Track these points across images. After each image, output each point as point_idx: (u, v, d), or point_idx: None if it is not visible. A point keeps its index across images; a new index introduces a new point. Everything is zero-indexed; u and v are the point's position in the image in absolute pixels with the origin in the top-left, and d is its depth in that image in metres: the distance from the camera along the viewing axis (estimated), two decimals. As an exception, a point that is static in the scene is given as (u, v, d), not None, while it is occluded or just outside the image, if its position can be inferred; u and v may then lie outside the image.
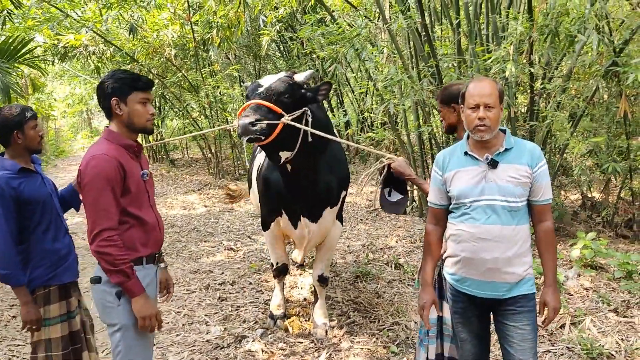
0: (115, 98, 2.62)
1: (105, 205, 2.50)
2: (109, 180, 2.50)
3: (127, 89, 2.62)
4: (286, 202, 4.12)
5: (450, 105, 3.22)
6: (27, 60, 7.54)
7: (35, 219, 3.00)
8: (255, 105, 3.44)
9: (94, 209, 2.50)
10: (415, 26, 6.93)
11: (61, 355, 3.04)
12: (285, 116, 3.49)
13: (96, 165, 2.52)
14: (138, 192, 2.68)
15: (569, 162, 7.93)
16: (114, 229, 2.51)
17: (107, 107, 2.66)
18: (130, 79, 2.65)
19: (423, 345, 3.33)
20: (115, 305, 2.60)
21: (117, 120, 2.68)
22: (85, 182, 2.52)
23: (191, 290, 5.63)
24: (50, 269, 3.03)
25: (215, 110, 12.72)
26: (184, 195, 11.69)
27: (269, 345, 4.31)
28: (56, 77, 20.48)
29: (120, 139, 2.67)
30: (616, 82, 6.33)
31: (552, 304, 2.56)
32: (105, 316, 2.66)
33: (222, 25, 9.53)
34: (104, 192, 2.49)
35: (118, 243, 2.51)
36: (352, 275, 5.86)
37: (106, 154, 2.54)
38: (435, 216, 2.82)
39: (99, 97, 2.69)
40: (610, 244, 6.60)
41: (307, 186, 3.95)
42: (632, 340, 4.16)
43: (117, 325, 2.62)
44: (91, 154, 2.57)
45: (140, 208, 2.69)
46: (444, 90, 3.30)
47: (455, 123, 3.26)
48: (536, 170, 2.54)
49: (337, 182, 4.18)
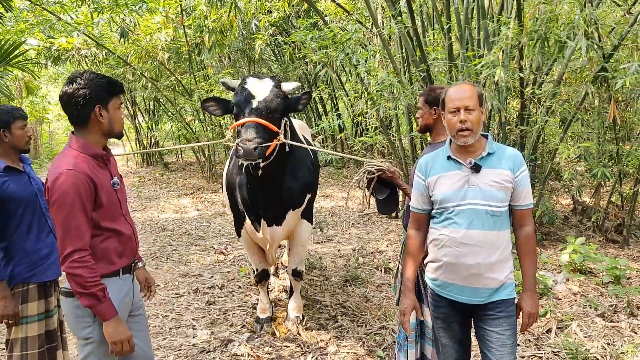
0: (98, 105, 2.48)
1: (76, 224, 2.35)
2: (79, 197, 2.36)
3: (107, 95, 2.51)
4: (249, 207, 4.15)
5: (432, 108, 3.25)
6: (18, 64, 7.52)
7: (17, 217, 3.03)
8: (255, 125, 3.45)
9: (64, 228, 2.35)
10: (406, 31, 6.94)
11: (37, 353, 3.06)
12: (280, 134, 3.61)
13: (64, 182, 2.35)
14: (110, 204, 2.55)
15: (560, 167, 7.94)
16: (85, 249, 2.38)
17: (84, 115, 2.48)
18: (107, 84, 2.53)
19: (402, 350, 3.33)
20: (91, 321, 2.48)
21: (94, 128, 2.53)
22: (53, 199, 2.37)
23: (180, 294, 5.61)
24: (30, 267, 3.06)
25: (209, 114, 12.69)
26: (177, 198, 11.66)
27: (255, 349, 4.30)
28: (50, 81, 20.41)
29: (90, 148, 2.52)
30: (605, 87, 6.36)
31: (527, 309, 2.56)
32: (78, 331, 2.53)
33: (214, 29, 9.51)
34: (74, 211, 2.35)
35: (89, 264, 2.37)
36: (341, 280, 5.86)
37: (74, 169, 2.38)
38: (417, 221, 2.82)
39: (73, 105, 2.47)
40: (600, 248, 6.63)
41: (270, 191, 3.99)
42: (617, 345, 4.17)
43: (91, 339, 2.50)
44: (58, 169, 2.39)
45: (114, 220, 2.57)
46: (430, 91, 3.32)
47: (431, 125, 3.31)
48: (518, 175, 2.56)
49: (300, 186, 4.22)
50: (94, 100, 2.47)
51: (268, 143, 3.47)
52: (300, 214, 4.37)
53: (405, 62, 8.07)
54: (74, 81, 2.48)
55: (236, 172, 4.19)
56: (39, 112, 20.00)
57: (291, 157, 4.01)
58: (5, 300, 2.96)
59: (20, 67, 7.76)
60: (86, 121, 2.52)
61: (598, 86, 6.37)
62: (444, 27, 7.06)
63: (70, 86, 2.47)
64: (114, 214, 2.59)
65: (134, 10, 10.50)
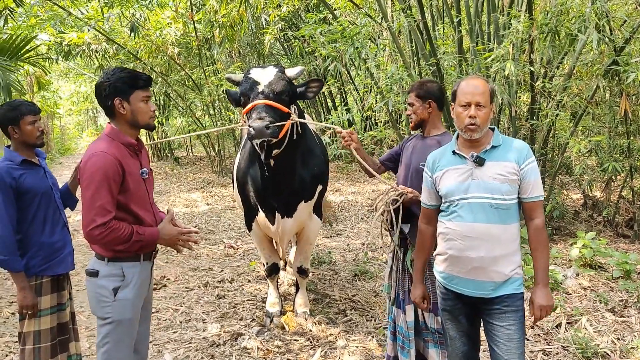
0: (118, 98, 2.62)
1: (102, 202, 2.50)
2: (107, 177, 2.51)
3: (128, 88, 2.63)
4: (262, 199, 4.15)
5: (426, 101, 3.23)
6: (30, 59, 7.57)
7: (33, 210, 3.07)
8: (264, 105, 3.44)
9: (91, 204, 2.50)
10: (416, 24, 6.92)
11: (49, 346, 3.09)
12: (293, 115, 3.59)
13: (95, 162, 2.53)
14: (138, 190, 2.70)
15: (570, 161, 7.90)
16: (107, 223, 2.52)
17: (109, 106, 2.66)
18: (130, 77, 2.65)
19: (405, 351, 3.35)
20: (111, 301, 2.62)
21: (120, 119, 2.69)
22: (84, 178, 2.55)
23: (190, 288, 5.65)
24: (44, 260, 3.09)
25: (219, 108, 12.74)
26: (187, 193, 11.72)
27: (265, 342, 4.32)
28: (61, 76, 20.54)
29: (122, 136, 2.68)
30: (617, 81, 6.31)
31: (538, 302, 2.54)
32: (98, 310, 2.67)
33: (224, 24, 9.53)
34: (101, 189, 2.51)
35: (116, 226, 2.52)
36: (350, 274, 5.87)
37: (106, 152, 2.56)
38: (427, 216, 2.86)
39: (99, 97, 2.68)
40: (611, 243, 6.59)
41: (283, 181, 3.98)
42: (627, 340, 4.15)
43: (110, 319, 2.63)
44: (92, 151, 2.59)
45: (141, 207, 2.72)
46: (421, 85, 3.30)
47: (426, 119, 3.28)
48: (524, 167, 2.53)
49: (312, 176, 4.21)
50: (114, 93, 2.63)
51: (280, 122, 3.44)
52: (311, 207, 4.37)
53: (414, 56, 8.03)
54: (103, 75, 2.68)
55: (247, 164, 4.19)
56: (50, 107, 20.14)
57: (302, 146, 3.99)
58: (25, 291, 3.00)
59: (31, 62, 7.82)
60: (112, 112, 2.69)
61: (609, 80, 6.33)
62: (453, 21, 7.03)
63: (100, 80, 2.68)
64: (142, 202, 2.74)
65: (144, 5, 10.55)
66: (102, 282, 2.63)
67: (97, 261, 2.67)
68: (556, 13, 5.67)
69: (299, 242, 4.65)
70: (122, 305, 2.63)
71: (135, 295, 2.68)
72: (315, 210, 4.46)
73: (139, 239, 2.60)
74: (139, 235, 2.61)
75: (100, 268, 2.64)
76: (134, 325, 2.73)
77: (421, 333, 3.37)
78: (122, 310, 2.63)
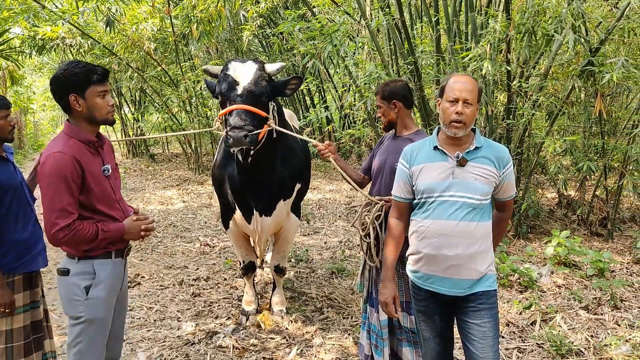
0: (72, 94, 2.53)
1: (62, 205, 2.45)
2: (65, 178, 2.44)
3: (83, 84, 2.53)
4: (240, 197, 4.09)
5: (391, 102, 3.22)
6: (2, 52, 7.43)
7: (5, 207, 2.97)
8: (241, 111, 3.36)
9: (51, 207, 2.45)
10: (394, 23, 6.92)
11: (22, 345, 3.01)
12: (270, 120, 3.53)
13: (52, 164, 2.45)
14: (102, 190, 2.62)
15: (546, 160, 7.98)
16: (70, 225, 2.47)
17: (64, 103, 2.57)
18: (85, 72, 2.54)
19: (379, 350, 3.34)
20: (83, 299, 2.57)
21: (77, 116, 2.60)
22: (42, 180, 2.48)
23: (165, 286, 5.57)
24: (17, 257, 3.01)
25: (195, 105, 12.63)
26: (163, 190, 11.59)
27: (241, 341, 4.28)
28: (35, 70, 20.20)
29: (80, 134, 2.60)
30: (592, 81, 6.39)
31: None
32: (70, 309, 2.61)
33: (201, 20, 9.42)
34: (61, 191, 2.44)
35: (79, 227, 2.47)
36: (327, 272, 5.85)
37: (62, 152, 2.48)
38: (399, 210, 2.81)
39: (53, 94, 2.60)
40: (585, 241, 6.68)
41: (261, 179, 3.93)
42: (601, 337, 4.20)
43: (82, 318, 2.58)
44: (48, 151, 2.51)
45: (106, 205, 2.65)
46: (385, 87, 3.29)
47: (394, 120, 3.27)
48: (504, 171, 2.58)
49: (291, 174, 4.17)
50: (69, 89, 2.54)
51: (258, 130, 3.38)
52: (290, 206, 4.33)
53: (393, 55, 8.04)
54: (57, 70, 2.58)
55: (225, 163, 4.13)
56: (23, 102, 19.77)
57: (281, 143, 3.93)
58: (2, 289, 2.91)
59: (4, 55, 7.69)
60: (68, 109, 2.59)
61: (584, 80, 6.40)
62: (432, 20, 7.05)
63: (53, 76, 2.58)
64: (108, 200, 2.67)
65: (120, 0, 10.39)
66: (74, 280, 2.58)
67: (68, 260, 2.62)
68: (533, 13, 5.72)
69: (277, 241, 4.61)
70: (95, 303, 2.58)
71: (107, 293, 2.63)
72: (293, 209, 4.42)
73: (104, 236, 2.56)
74: (104, 232, 2.56)
75: (71, 266, 2.59)
76: (106, 325, 2.67)
77: (395, 332, 3.36)
78: (94, 308, 2.58)
